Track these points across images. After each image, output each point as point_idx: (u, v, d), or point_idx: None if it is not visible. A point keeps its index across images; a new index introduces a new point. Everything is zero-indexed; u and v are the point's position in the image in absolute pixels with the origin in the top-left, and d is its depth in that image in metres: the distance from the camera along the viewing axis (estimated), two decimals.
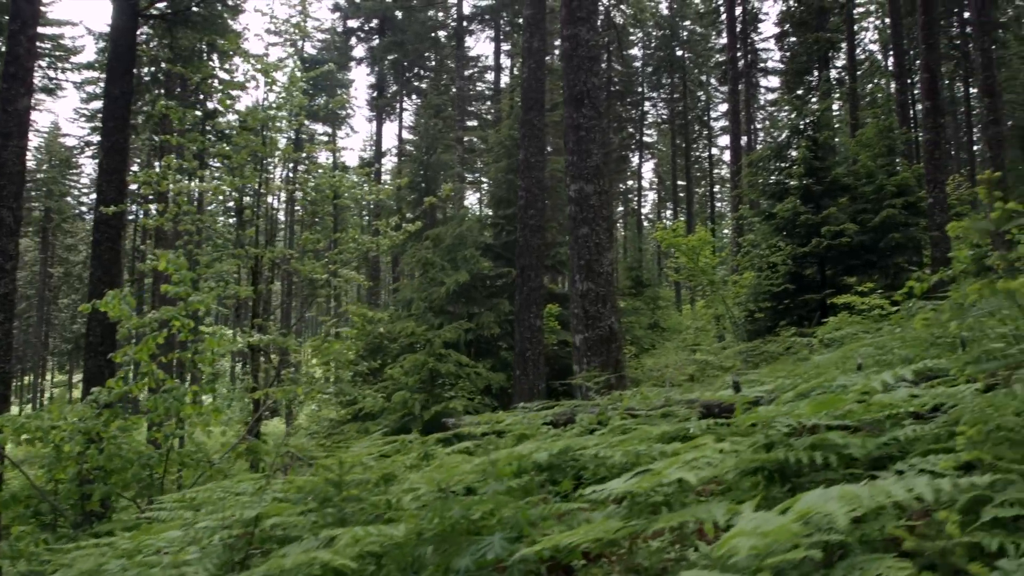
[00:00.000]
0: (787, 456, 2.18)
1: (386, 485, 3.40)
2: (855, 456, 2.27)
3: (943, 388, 2.97)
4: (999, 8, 38.55)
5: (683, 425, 4.10)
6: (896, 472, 2.15)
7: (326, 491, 3.08)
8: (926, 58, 16.95)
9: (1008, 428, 2.03)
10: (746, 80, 39.10)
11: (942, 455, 2.25)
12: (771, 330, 17.45)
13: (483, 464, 3.29)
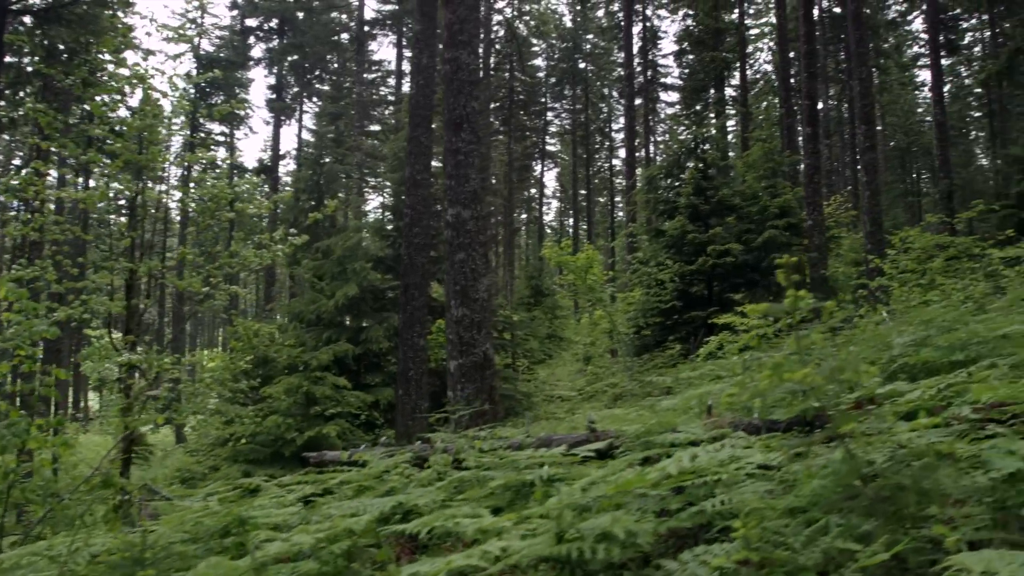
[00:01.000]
0: (569, 551, 2.16)
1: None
2: (642, 546, 2.27)
3: (753, 452, 3.03)
4: (880, 36, 40.44)
5: (524, 476, 4.08)
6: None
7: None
8: (806, 86, 17.64)
9: (777, 531, 2.06)
10: (645, 95, 39.88)
11: (727, 543, 2.28)
12: (660, 344, 17.83)
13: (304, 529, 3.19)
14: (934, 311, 7.19)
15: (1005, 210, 21.68)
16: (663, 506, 3.07)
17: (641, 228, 20.24)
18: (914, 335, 6.39)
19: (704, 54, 37.96)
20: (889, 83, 45.67)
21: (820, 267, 17.01)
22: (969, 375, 4.05)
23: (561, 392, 18.12)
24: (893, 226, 23.13)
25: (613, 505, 2.92)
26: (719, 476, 3.07)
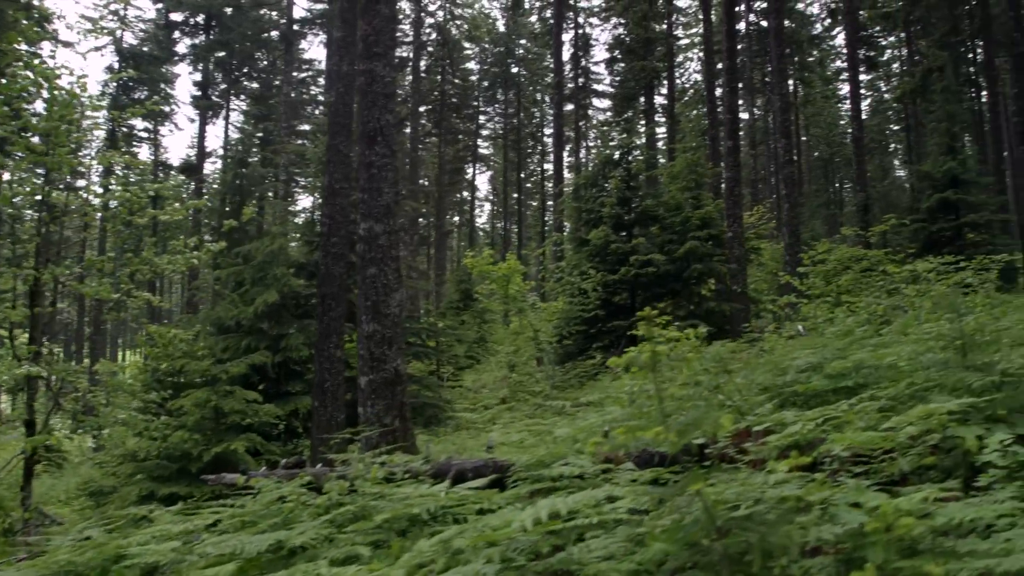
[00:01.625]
0: None
1: None
2: None
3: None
4: (804, 50, 41.51)
5: (411, 509, 4.05)
6: None
7: None
8: (728, 100, 18.00)
9: None
10: (576, 101, 40.23)
11: None
12: (583, 352, 17.94)
13: None
14: (828, 337, 7.36)
15: (915, 224, 22.45)
16: (536, 548, 3.07)
17: (565, 237, 20.40)
18: (812, 358, 6.55)
19: (634, 63, 38.43)
20: (813, 96, 46.98)
21: (739, 278, 17.37)
22: (850, 407, 4.16)
23: (485, 400, 18.09)
24: (812, 237, 23.76)
25: (487, 543, 2.91)
26: (592, 519, 3.08)
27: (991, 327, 4.59)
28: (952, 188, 21.90)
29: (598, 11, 40.82)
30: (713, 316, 17.34)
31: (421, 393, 16.95)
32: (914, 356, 4.61)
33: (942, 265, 17.56)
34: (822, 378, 5.04)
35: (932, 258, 18.90)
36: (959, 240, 21.80)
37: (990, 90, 26.50)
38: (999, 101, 28.11)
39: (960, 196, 21.68)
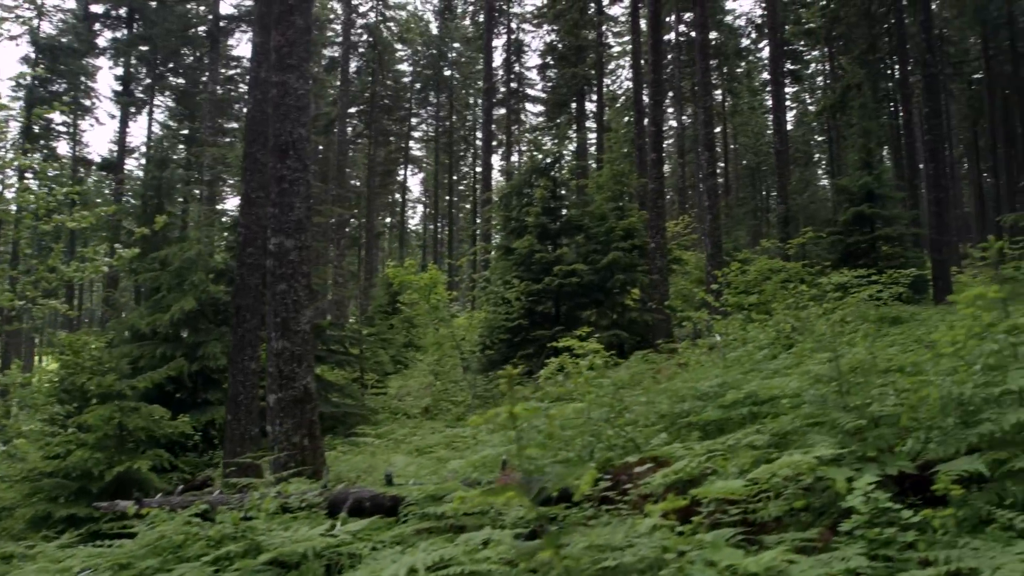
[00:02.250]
0: None
1: None
2: None
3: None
4: (732, 62, 42.34)
5: (296, 547, 3.99)
6: None
7: None
8: (653, 113, 18.24)
9: None
10: (508, 106, 40.32)
11: None
12: (507, 361, 17.95)
13: None
14: (731, 360, 7.49)
15: (833, 236, 23.09)
16: None
17: (491, 245, 20.42)
18: (714, 382, 6.67)
19: (566, 69, 38.71)
20: (740, 106, 48.01)
21: (661, 289, 17.62)
22: (735, 442, 4.24)
23: (408, 407, 17.96)
24: (735, 248, 24.26)
25: None
26: (466, 568, 3.08)
27: (869, 360, 4.72)
28: (868, 202, 22.60)
29: (530, 17, 40.98)
30: (635, 326, 17.57)
31: (343, 403, 16.77)
32: (799, 391, 4.72)
33: (855, 278, 18.16)
34: (715, 408, 5.14)
35: (846, 270, 19.53)
36: (874, 252, 22.49)
37: (905, 108, 27.43)
38: (912, 119, 29.15)
39: (875, 210, 22.38)
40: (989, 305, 4.43)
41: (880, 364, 4.81)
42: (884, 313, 17.00)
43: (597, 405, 6.17)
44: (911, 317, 17.96)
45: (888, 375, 4.76)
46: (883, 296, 17.64)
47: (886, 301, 17.88)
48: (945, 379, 4.06)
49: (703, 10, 21.12)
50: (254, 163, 11.56)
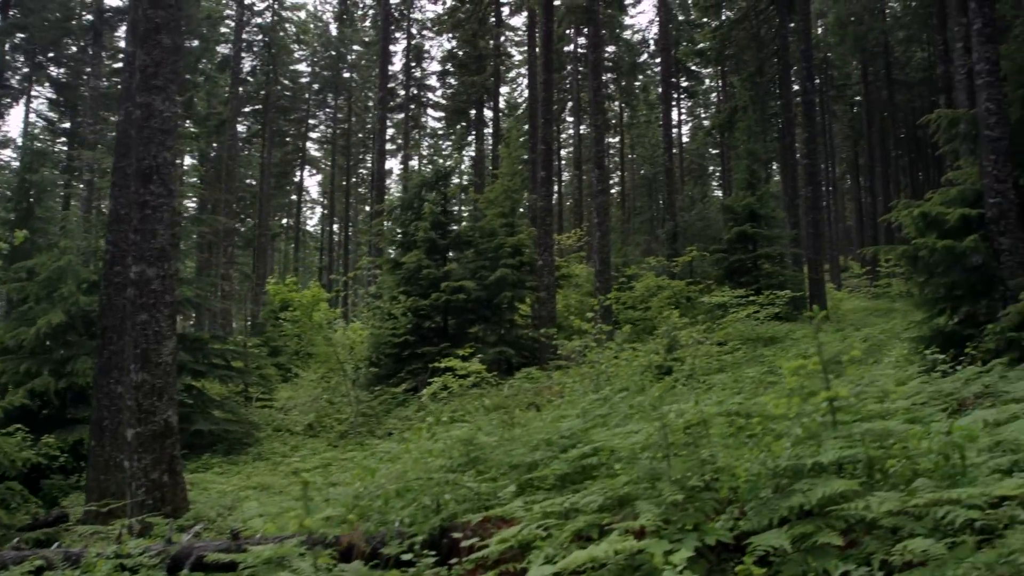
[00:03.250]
0: None
1: None
2: None
3: None
4: (629, 74, 43.16)
5: None
6: None
7: None
8: (543, 132, 18.43)
9: None
10: (406, 112, 40.08)
11: None
12: (394, 376, 17.85)
13: None
14: (592, 401, 7.60)
15: (717, 254, 23.84)
16: None
17: (378, 260, 20.26)
18: (574, 422, 6.78)
19: (466, 77, 38.76)
20: (637, 118, 49.05)
21: (548, 306, 17.81)
22: (573, 504, 4.33)
23: (292, 423, 17.60)
24: (624, 263, 24.74)
25: None
26: None
27: (706, 418, 4.87)
28: (750, 222, 23.43)
29: (431, 24, 40.84)
30: (522, 343, 17.72)
31: (224, 419, 16.32)
32: (639, 447, 4.84)
33: (735, 298, 18.81)
34: (563, 462, 5.23)
35: (727, 289, 20.22)
36: (756, 270, 23.34)
37: (787, 130, 28.53)
38: (794, 141, 30.34)
39: (757, 230, 23.22)
40: (811, 375, 4.66)
41: (714, 425, 4.97)
42: (761, 333, 17.69)
43: (452, 450, 6.20)
44: (787, 335, 18.76)
45: (717, 439, 4.92)
46: (760, 316, 18.36)
47: (763, 320, 18.61)
48: (764, 450, 4.24)
49: (597, 29, 21.48)
50: (123, 178, 11.11)
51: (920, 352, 11.89)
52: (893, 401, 6.04)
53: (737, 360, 15.06)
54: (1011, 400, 7.88)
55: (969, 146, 12.09)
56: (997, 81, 11.46)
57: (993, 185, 11.19)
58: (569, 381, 11.66)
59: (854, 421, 4.38)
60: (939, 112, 11.90)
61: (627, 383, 10.03)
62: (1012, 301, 10.53)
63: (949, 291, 11.78)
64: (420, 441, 7.16)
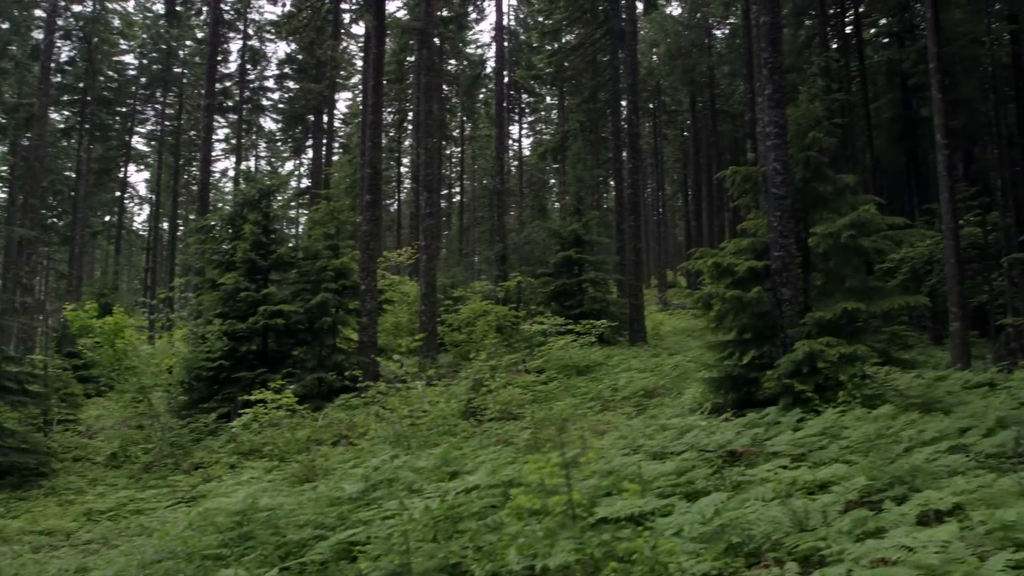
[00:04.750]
0: None
1: None
2: None
3: None
4: (473, 88, 43.48)
5: None
6: None
7: None
8: (371, 155, 18.33)
9: None
10: (239, 115, 38.79)
11: None
12: (210, 399, 17.24)
13: None
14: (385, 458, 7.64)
15: (543, 279, 24.48)
16: None
17: (192, 278, 19.54)
18: (356, 486, 6.81)
19: (305, 84, 37.99)
20: (479, 131, 49.64)
21: (370, 331, 17.72)
22: None
23: (95, 452, 16.59)
24: (452, 284, 24.98)
25: None
26: None
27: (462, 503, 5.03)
28: (575, 247, 24.20)
29: (269, 28, 39.70)
30: (343, 368, 17.53)
31: (16, 448, 15.19)
32: (395, 536, 4.92)
33: (554, 326, 19.36)
34: (325, 547, 5.25)
35: (547, 316, 20.79)
36: (580, 294, 24.12)
37: (616, 157, 29.66)
38: (622, 169, 31.63)
39: (582, 255, 24.01)
40: (554, 472, 4.89)
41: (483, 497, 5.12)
42: (578, 361, 18.29)
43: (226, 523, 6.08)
44: (604, 361, 19.49)
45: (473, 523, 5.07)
46: (577, 344, 19.00)
47: (581, 347, 19.26)
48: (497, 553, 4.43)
49: (431, 52, 21.62)
50: None
51: (712, 392, 12.73)
52: (650, 482, 6.44)
53: (551, 391, 15.52)
54: (771, 453, 8.58)
55: (759, 200, 13.02)
56: (784, 144, 12.40)
57: (778, 239, 12.10)
58: (374, 424, 11.64)
59: (591, 520, 4.62)
60: (733, 169, 12.74)
61: (430, 428, 10.16)
62: (790, 348, 11.45)
63: (739, 336, 12.65)
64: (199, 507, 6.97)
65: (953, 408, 11.09)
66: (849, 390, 10.41)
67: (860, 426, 9.08)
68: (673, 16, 46.05)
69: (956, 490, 5.93)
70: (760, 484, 6.97)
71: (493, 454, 8.94)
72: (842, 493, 6.12)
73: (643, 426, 12.23)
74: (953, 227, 17.65)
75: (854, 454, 7.92)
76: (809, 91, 12.65)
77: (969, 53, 27.27)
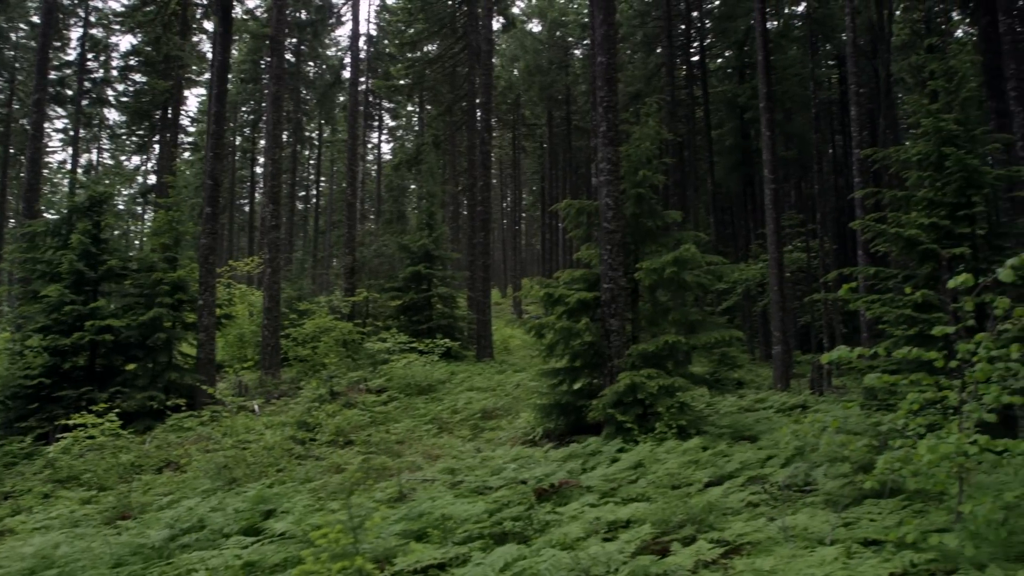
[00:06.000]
0: None
1: None
2: None
3: None
4: (331, 91, 42.84)
5: None
6: None
7: None
8: (211, 166, 17.78)
9: None
10: (77, 107, 36.70)
11: None
12: (30, 417, 16.22)
13: None
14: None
15: (391, 293, 24.43)
16: None
17: (14, 288, 18.39)
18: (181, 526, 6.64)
19: (153, 79, 36.36)
20: (337, 135, 48.94)
21: (207, 348, 17.18)
22: None
23: None
24: (298, 297, 24.54)
25: None
26: None
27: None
28: (425, 262, 24.28)
29: (114, 18, 37.73)
30: (177, 387, 16.93)
31: None
32: None
33: (398, 344, 19.37)
34: None
35: (392, 333, 20.77)
36: (429, 309, 24.22)
37: (471, 173, 29.91)
38: (476, 184, 32.04)
39: (431, 270, 24.11)
40: (339, 536, 4.97)
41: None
42: (419, 380, 18.36)
43: None
44: (449, 378, 19.66)
45: None
46: (421, 361, 19.08)
47: (425, 364, 19.33)
48: None
49: (280, 61, 21.15)
50: None
51: (544, 418, 13.10)
52: (459, 526, 6.60)
53: (390, 412, 15.54)
54: (585, 487, 8.94)
55: (593, 232, 13.53)
56: (617, 180, 12.93)
57: (608, 272, 12.60)
58: (196, 455, 11.32)
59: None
60: (567, 202, 13.18)
61: (254, 458, 9.98)
62: (616, 379, 11.95)
63: (570, 363, 13.09)
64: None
65: (761, 435, 11.91)
66: (666, 420, 10.97)
67: (670, 459, 9.62)
68: (533, 33, 46.97)
69: (735, 532, 6.42)
70: (568, 523, 7.29)
71: (315, 488, 8.92)
72: (637, 534, 6.50)
73: (473, 452, 12.47)
74: (777, 257, 18.90)
75: (660, 488, 8.39)
76: (642, 130, 13.24)
77: (801, 91, 29.23)
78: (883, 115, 20.98)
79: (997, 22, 13.90)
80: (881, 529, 5.55)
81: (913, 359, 5.52)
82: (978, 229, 9.76)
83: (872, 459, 7.15)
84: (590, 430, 12.55)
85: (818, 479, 8.20)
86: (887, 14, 21.06)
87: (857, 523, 6.14)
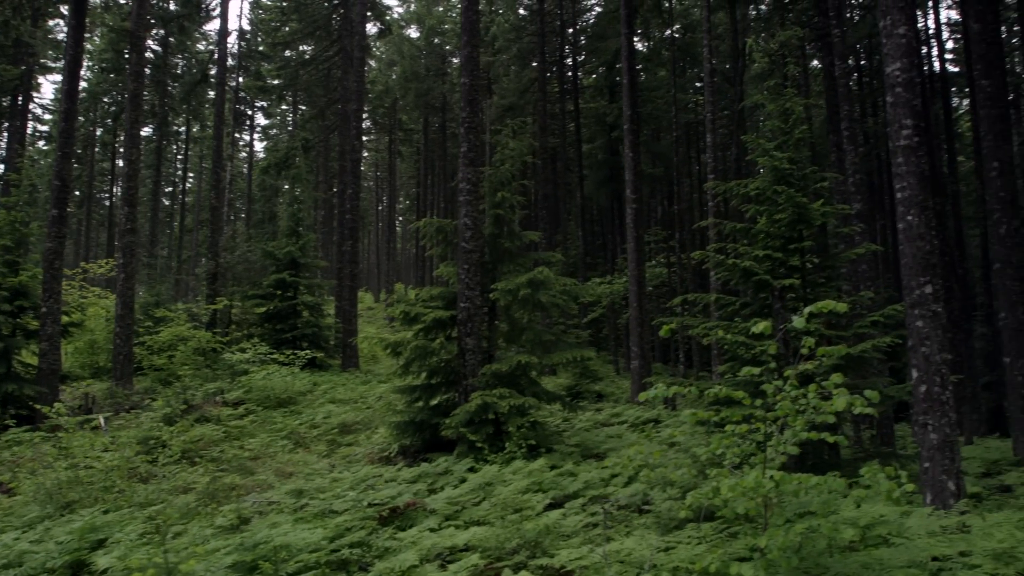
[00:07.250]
0: None
1: None
2: None
3: None
4: (199, 88, 41.47)
5: None
6: None
7: None
8: (59, 166, 16.93)
9: None
10: None
11: None
12: None
13: None
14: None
15: (255, 300, 23.87)
16: None
17: None
18: None
19: (1, 64, 34.14)
20: (206, 132, 47.40)
21: (50, 358, 16.34)
22: None
23: None
24: (157, 303, 23.63)
25: None
26: None
27: None
28: (290, 269, 23.83)
29: None
30: (16, 400, 16.03)
31: None
32: None
33: (258, 355, 18.96)
34: None
35: (252, 343, 20.32)
36: (295, 317, 23.77)
37: (341, 179, 29.57)
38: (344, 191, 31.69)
39: (296, 278, 23.68)
40: None
41: None
42: (279, 393, 18.02)
43: None
44: (311, 390, 19.36)
45: None
46: (282, 372, 18.74)
47: (287, 375, 18.98)
48: None
49: (140, 57, 20.36)
50: None
51: (400, 434, 13.13)
52: (295, 555, 6.58)
53: (245, 427, 15.19)
54: (430, 510, 9.04)
55: (451, 251, 13.68)
56: (476, 200, 13.12)
57: (465, 291, 12.76)
58: (25, 479, 10.75)
59: None
60: (426, 221, 13.28)
61: (91, 480, 9.59)
62: (469, 398, 12.12)
63: (427, 381, 13.19)
64: None
65: (609, 453, 12.33)
66: (515, 440, 11.21)
67: (516, 480, 9.84)
68: (410, 39, 46.83)
69: (566, 558, 6.66)
70: (407, 549, 7.38)
71: (154, 512, 8.66)
72: (470, 561, 6.65)
73: (327, 469, 12.38)
74: (637, 274, 19.56)
75: (503, 510, 8.59)
76: (502, 152, 13.49)
77: (668, 112, 30.38)
78: (735, 143, 22.08)
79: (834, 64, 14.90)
80: (693, 556, 5.89)
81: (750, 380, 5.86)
82: (808, 262, 10.45)
83: (697, 483, 7.56)
84: (446, 447, 12.67)
85: (655, 499, 8.59)
86: (744, 45, 22.18)
87: (676, 549, 6.48)
